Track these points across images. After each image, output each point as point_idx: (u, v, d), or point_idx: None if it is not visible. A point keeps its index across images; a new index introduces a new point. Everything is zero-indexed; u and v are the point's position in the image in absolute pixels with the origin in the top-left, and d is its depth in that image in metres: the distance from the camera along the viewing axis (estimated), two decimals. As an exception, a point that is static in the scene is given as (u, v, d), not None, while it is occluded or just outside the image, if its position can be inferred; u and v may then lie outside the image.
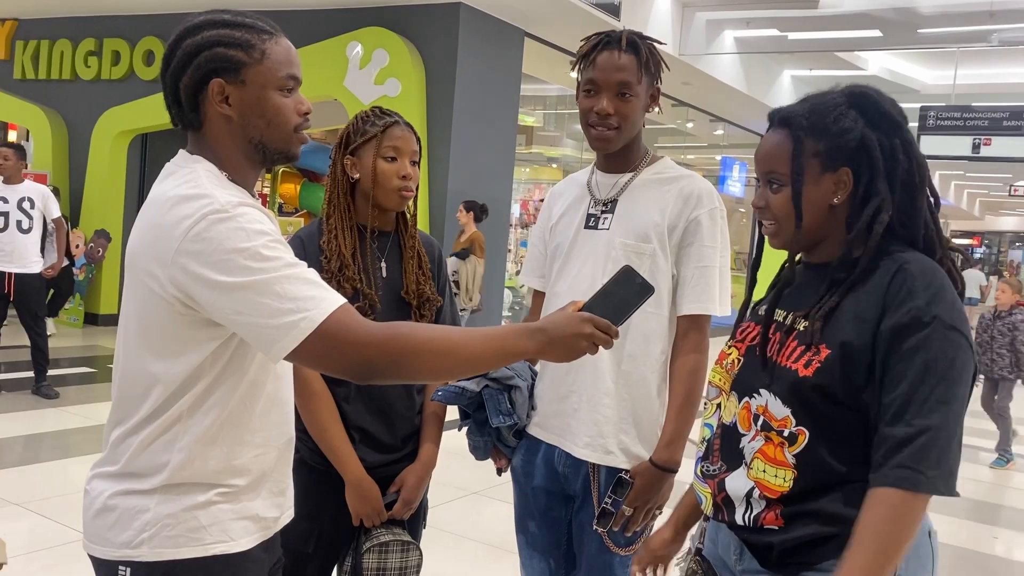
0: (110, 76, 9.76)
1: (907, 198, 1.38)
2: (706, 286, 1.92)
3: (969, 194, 28.71)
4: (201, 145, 1.40)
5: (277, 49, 1.38)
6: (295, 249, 1.93)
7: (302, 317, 1.25)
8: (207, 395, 1.35)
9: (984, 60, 11.52)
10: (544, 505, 2.06)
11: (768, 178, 1.44)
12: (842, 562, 1.26)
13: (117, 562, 1.36)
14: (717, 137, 15.56)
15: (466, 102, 8.08)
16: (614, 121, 1.90)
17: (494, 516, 4.37)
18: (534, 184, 18.02)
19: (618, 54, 1.88)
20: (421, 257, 2.04)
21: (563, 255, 2.03)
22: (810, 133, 1.39)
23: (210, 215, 1.26)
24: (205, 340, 1.33)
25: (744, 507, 1.42)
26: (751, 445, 1.42)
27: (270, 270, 1.26)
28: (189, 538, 1.36)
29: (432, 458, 2.04)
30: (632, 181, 1.99)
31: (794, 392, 1.35)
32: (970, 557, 4.47)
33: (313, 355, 1.27)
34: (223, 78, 1.35)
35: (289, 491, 1.55)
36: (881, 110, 1.39)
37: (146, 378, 1.36)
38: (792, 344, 1.40)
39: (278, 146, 1.41)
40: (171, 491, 1.35)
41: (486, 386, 2.02)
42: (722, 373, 1.53)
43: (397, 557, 1.93)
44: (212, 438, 1.36)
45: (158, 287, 1.30)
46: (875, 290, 1.33)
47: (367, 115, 1.98)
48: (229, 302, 1.26)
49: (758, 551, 1.42)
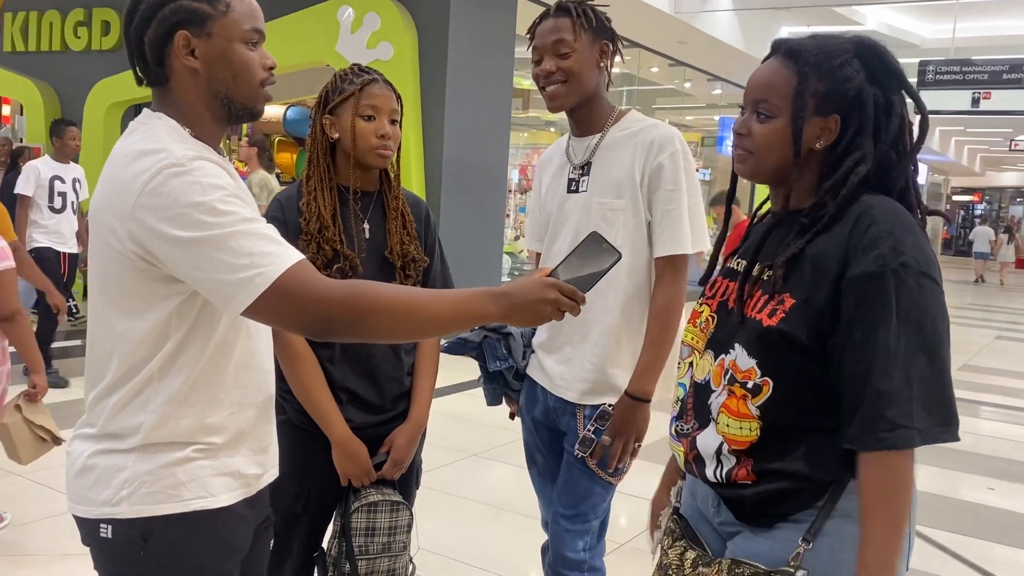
0: (100, 47, 9.68)
1: (893, 156, 1.36)
2: (676, 228, 2.02)
3: (970, 150, 28.51)
4: (165, 101, 1.39)
5: (241, 2, 1.37)
6: (274, 211, 1.93)
7: (257, 272, 1.25)
8: (176, 355, 1.36)
9: (983, 13, 11.39)
10: (546, 437, 2.24)
11: (759, 106, 1.40)
12: (862, 540, 1.25)
13: (98, 520, 1.38)
14: (715, 97, 15.44)
15: (460, 65, 8.00)
16: (559, 76, 2.03)
17: (494, 477, 4.41)
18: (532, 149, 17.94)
19: (549, 20, 2.04)
20: (406, 217, 2.02)
21: (553, 221, 2.17)
22: (815, 71, 1.35)
23: (165, 169, 1.26)
24: (167, 296, 1.33)
25: (715, 464, 1.41)
26: (717, 400, 1.41)
27: (225, 225, 1.25)
28: (168, 494, 1.36)
29: (422, 418, 2.04)
30: (602, 141, 2.10)
31: (760, 342, 1.34)
32: (965, 508, 4.52)
33: (270, 311, 1.27)
34: (188, 30, 1.34)
35: (272, 449, 1.55)
36: (886, 66, 1.37)
37: (112, 336, 1.37)
38: (757, 294, 1.38)
39: (243, 100, 1.40)
40: (148, 450, 1.36)
41: (485, 336, 2.20)
42: (695, 332, 1.51)
43: (386, 517, 1.93)
44: (184, 398, 1.37)
45: (117, 243, 1.30)
46: (838, 236, 1.30)
47: (345, 73, 1.96)
48: (185, 257, 1.26)
49: (732, 504, 1.43)
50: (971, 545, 3.95)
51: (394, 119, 1.94)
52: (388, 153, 1.93)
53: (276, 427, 1.94)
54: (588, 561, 2.12)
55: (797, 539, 1.33)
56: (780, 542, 1.35)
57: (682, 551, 1.48)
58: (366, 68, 1.97)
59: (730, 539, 1.46)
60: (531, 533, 3.81)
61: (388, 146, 1.92)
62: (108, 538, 1.37)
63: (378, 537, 1.93)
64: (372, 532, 1.93)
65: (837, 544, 1.32)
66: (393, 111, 1.94)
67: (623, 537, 3.57)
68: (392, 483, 2.01)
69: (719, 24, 10.91)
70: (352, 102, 1.91)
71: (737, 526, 1.44)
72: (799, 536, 1.33)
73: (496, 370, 2.22)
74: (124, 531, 1.36)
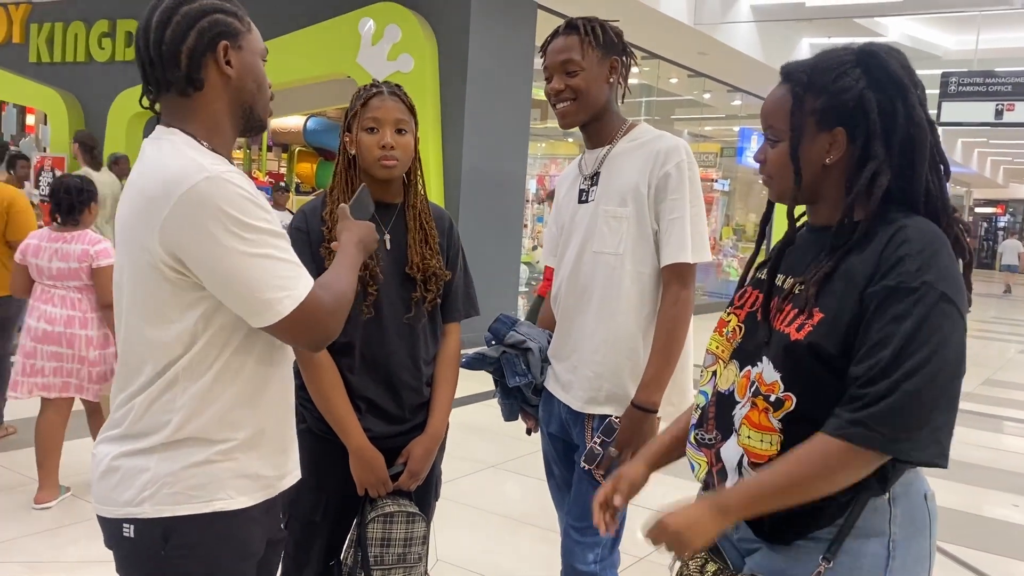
0: (124, 57, 9.81)
1: (906, 163, 1.34)
2: (679, 237, 2.04)
3: (993, 161, 28.26)
4: (184, 112, 1.45)
5: (254, 27, 1.52)
6: (297, 221, 1.96)
7: (287, 295, 1.36)
8: (203, 357, 1.41)
9: (1007, 24, 11.29)
10: (562, 450, 2.26)
11: (766, 132, 1.43)
12: (750, 476, 1.29)
13: (121, 520, 1.42)
14: (735, 108, 15.40)
15: (479, 76, 8.04)
16: (567, 94, 2.07)
17: (512, 489, 4.39)
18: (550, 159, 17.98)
19: (559, 39, 2.08)
20: (427, 231, 2.02)
21: (566, 231, 2.22)
22: (809, 89, 1.36)
23: (201, 182, 1.33)
24: (197, 301, 1.39)
25: (736, 477, 1.40)
26: (740, 412, 1.41)
27: (259, 243, 1.35)
28: (189, 495, 1.41)
29: (440, 430, 2.03)
30: (610, 152, 2.14)
31: (787, 355, 1.33)
32: (988, 524, 4.46)
33: (288, 330, 1.39)
34: (228, 41, 1.45)
35: (291, 452, 1.60)
36: (888, 71, 1.34)
37: (143, 345, 1.42)
38: (787, 308, 1.38)
39: (261, 112, 1.52)
40: (170, 449, 1.41)
41: (504, 352, 2.22)
42: (721, 341, 1.51)
43: (402, 528, 1.93)
44: (209, 397, 1.42)
45: (148, 255, 1.37)
46: (870, 254, 1.30)
47: (359, 90, 1.99)
48: (219, 269, 1.34)
49: (751, 522, 1.41)
50: (996, 563, 3.89)
51: (401, 129, 1.94)
52: (391, 164, 1.93)
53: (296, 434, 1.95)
54: (599, 573, 2.11)
55: (817, 557, 1.32)
56: (800, 560, 1.34)
57: (702, 563, 1.47)
58: (377, 83, 2.00)
59: (748, 555, 1.44)
60: (550, 546, 3.80)
61: (391, 156, 1.92)
62: (131, 537, 1.42)
63: (393, 548, 1.93)
64: (387, 543, 1.92)
65: (856, 563, 1.31)
66: (399, 121, 1.94)
67: (642, 551, 3.55)
68: (409, 494, 2.00)
69: (739, 35, 10.89)
70: (358, 117, 1.94)
71: (755, 542, 1.42)
72: (819, 554, 1.32)
73: (515, 385, 2.23)
74: (146, 531, 1.41)
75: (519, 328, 2.26)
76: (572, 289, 2.15)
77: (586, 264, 2.12)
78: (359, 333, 1.92)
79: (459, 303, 2.09)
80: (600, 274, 2.09)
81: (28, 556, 3.31)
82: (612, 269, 2.07)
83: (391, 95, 1.96)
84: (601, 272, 2.09)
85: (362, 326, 1.91)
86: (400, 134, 1.94)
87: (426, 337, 2.00)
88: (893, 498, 1.33)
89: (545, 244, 2.40)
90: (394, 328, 1.94)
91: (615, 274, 2.07)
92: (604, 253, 2.08)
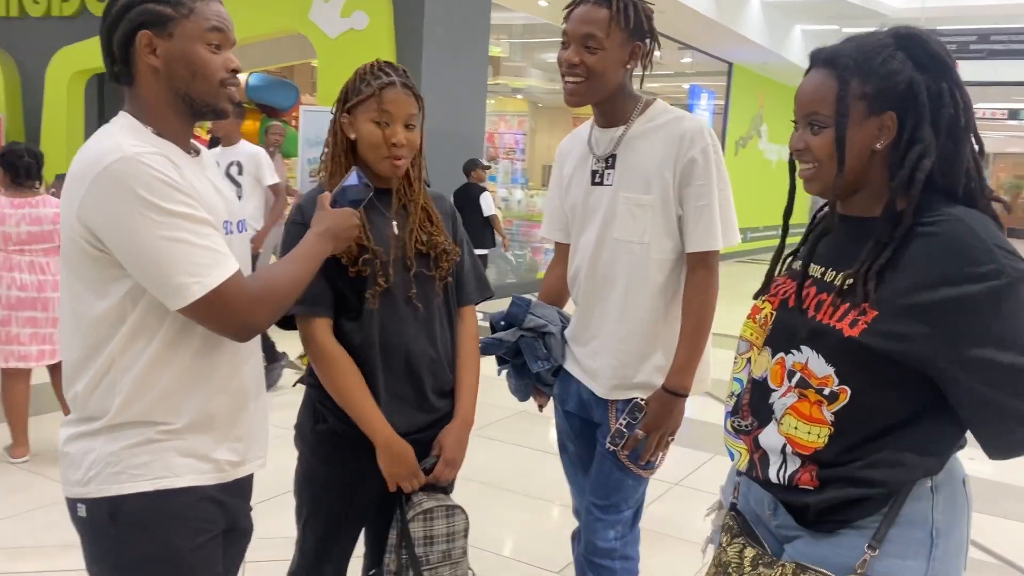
0: (61, 12, 9.35)
1: (951, 145, 1.34)
2: (708, 224, 2.01)
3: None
4: (132, 100, 1.50)
5: (205, 8, 1.48)
6: (294, 215, 1.88)
7: (195, 281, 1.37)
8: (135, 336, 1.43)
9: (952, -18, 11.47)
10: (578, 427, 2.25)
11: (809, 119, 1.39)
12: None
13: (75, 499, 1.48)
14: (684, 65, 15.40)
15: (436, 34, 7.87)
16: (580, 71, 1.98)
17: (491, 455, 4.41)
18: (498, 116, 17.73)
19: (589, 8, 1.97)
20: (429, 210, 1.95)
21: (580, 213, 2.17)
22: (856, 74, 1.33)
23: (114, 163, 1.35)
24: (119, 279, 1.41)
25: (780, 462, 1.41)
26: (782, 401, 1.40)
27: (171, 227, 1.36)
28: (131, 475, 1.45)
29: (470, 415, 1.97)
30: (626, 134, 2.07)
31: (842, 350, 1.32)
32: None
33: (201, 316, 1.41)
34: (151, 30, 1.45)
35: (251, 438, 1.60)
36: (930, 51, 1.33)
37: (73, 322, 1.46)
38: (836, 301, 1.36)
39: (203, 98, 1.50)
40: (114, 431, 1.45)
41: (521, 336, 2.18)
42: (754, 328, 1.50)
43: (443, 523, 1.87)
44: (147, 381, 1.44)
45: (72, 232, 1.41)
46: (929, 250, 1.27)
47: (366, 72, 1.87)
48: (131, 250, 1.36)
49: (793, 509, 1.43)
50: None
51: (410, 124, 1.85)
52: (400, 163, 1.84)
53: (316, 435, 1.91)
54: (620, 549, 2.13)
55: (861, 546, 1.33)
56: (843, 548, 1.35)
57: (741, 548, 1.47)
58: (387, 67, 1.87)
59: (787, 542, 1.46)
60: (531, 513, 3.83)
61: (400, 155, 1.83)
62: (84, 517, 1.48)
63: (437, 545, 1.86)
64: (431, 540, 1.86)
65: (901, 551, 1.32)
66: (410, 115, 1.84)
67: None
68: (442, 487, 1.94)
69: (692, -8, 10.85)
70: (367, 106, 1.83)
71: (795, 530, 1.43)
72: (863, 543, 1.33)
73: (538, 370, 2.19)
74: (95, 510, 1.46)
75: (535, 310, 2.23)
76: (592, 275, 2.13)
77: (607, 250, 2.09)
78: (375, 323, 1.84)
79: (471, 286, 2.03)
80: (623, 261, 2.06)
81: (5, 542, 3.22)
82: (636, 257, 2.04)
83: (404, 87, 1.85)
84: (624, 259, 2.06)
85: (377, 315, 1.84)
86: (409, 129, 1.85)
87: (442, 321, 1.94)
88: (936, 485, 1.34)
89: (547, 217, 2.34)
90: (409, 313, 1.87)
91: (639, 262, 2.04)
92: (628, 241, 2.05)
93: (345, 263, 1.81)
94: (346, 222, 1.67)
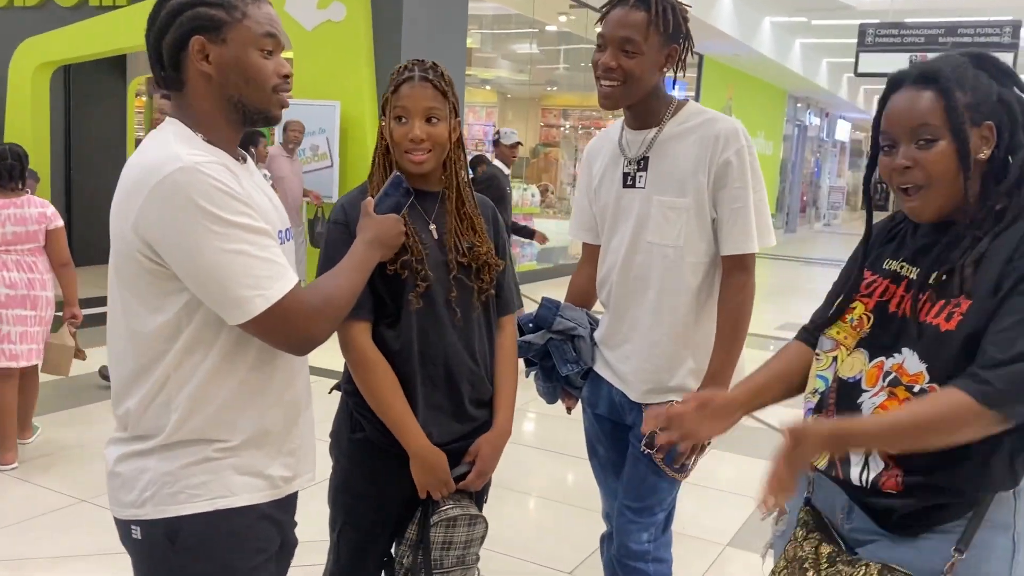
0: (24, 2, 9.09)
1: None
2: (744, 227, 2.00)
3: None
4: (182, 106, 1.44)
5: (258, 11, 1.43)
6: (336, 214, 1.84)
7: (258, 294, 1.33)
8: (190, 351, 1.38)
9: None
10: (609, 430, 2.23)
11: (918, 134, 1.38)
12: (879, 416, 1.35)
13: (129, 521, 1.43)
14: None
15: (415, 26, 7.78)
16: (617, 76, 1.96)
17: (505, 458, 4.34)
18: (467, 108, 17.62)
19: (627, 11, 1.94)
20: (472, 218, 1.89)
21: (611, 215, 2.14)
22: (958, 87, 1.37)
23: (173, 173, 1.30)
24: (176, 292, 1.36)
25: (862, 465, 1.40)
26: (871, 400, 1.40)
27: (232, 239, 1.31)
28: (189, 494, 1.40)
29: (507, 426, 1.95)
30: (658, 136, 2.05)
31: (938, 345, 1.33)
32: None
33: (261, 331, 1.37)
34: (204, 36, 1.39)
35: (302, 455, 1.56)
36: (1003, 68, 1.42)
37: (125, 339, 1.41)
38: (932, 298, 1.38)
39: (256, 105, 1.45)
40: (169, 450, 1.40)
41: (550, 339, 2.15)
42: (844, 328, 1.49)
43: (464, 531, 1.86)
44: (204, 397, 1.40)
45: (125, 245, 1.35)
46: (1011, 237, 1.34)
47: (394, 71, 1.83)
48: (190, 263, 1.32)
49: (874, 512, 1.42)
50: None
51: (432, 117, 1.78)
52: (419, 158, 1.78)
53: (353, 444, 1.88)
54: (653, 552, 2.12)
55: (946, 549, 1.33)
56: (926, 552, 1.35)
57: (817, 543, 1.47)
58: (413, 63, 1.82)
59: (859, 546, 1.44)
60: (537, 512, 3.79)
61: (418, 149, 1.78)
62: (139, 539, 1.43)
63: (454, 551, 1.86)
64: (448, 546, 1.85)
65: (985, 555, 1.33)
66: (429, 109, 1.77)
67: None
68: (470, 494, 1.92)
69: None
70: (390, 104, 1.81)
71: (873, 534, 1.42)
72: (947, 546, 1.33)
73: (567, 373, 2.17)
74: (152, 532, 1.41)
75: (564, 313, 2.20)
76: (625, 279, 2.10)
77: (641, 254, 2.06)
78: (414, 328, 1.80)
79: (512, 294, 1.99)
80: (657, 265, 2.04)
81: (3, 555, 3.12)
82: (671, 261, 2.02)
83: (422, 80, 1.78)
84: (658, 264, 2.04)
85: (416, 322, 1.80)
86: (430, 123, 1.78)
87: (481, 330, 1.89)
88: (1018, 491, 1.35)
89: (575, 217, 2.31)
90: (449, 321, 1.83)
91: (674, 267, 2.02)
92: (662, 245, 2.02)
93: (386, 261, 1.76)
94: (392, 229, 1.66)
